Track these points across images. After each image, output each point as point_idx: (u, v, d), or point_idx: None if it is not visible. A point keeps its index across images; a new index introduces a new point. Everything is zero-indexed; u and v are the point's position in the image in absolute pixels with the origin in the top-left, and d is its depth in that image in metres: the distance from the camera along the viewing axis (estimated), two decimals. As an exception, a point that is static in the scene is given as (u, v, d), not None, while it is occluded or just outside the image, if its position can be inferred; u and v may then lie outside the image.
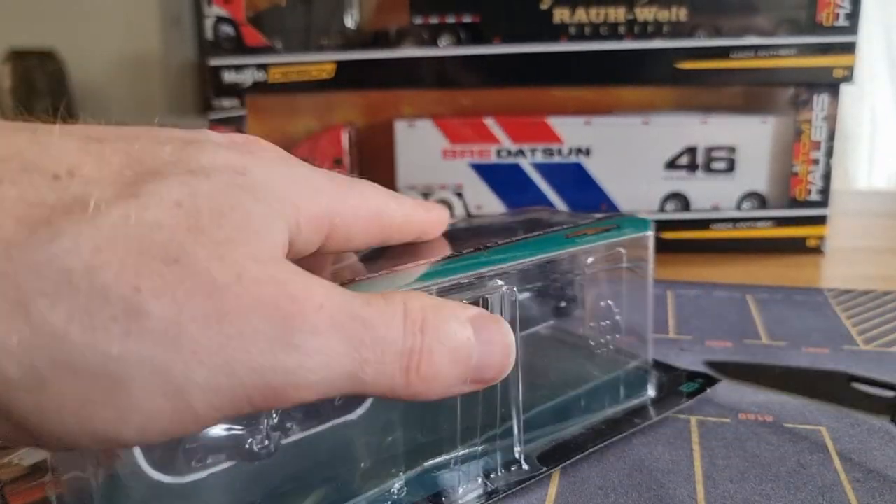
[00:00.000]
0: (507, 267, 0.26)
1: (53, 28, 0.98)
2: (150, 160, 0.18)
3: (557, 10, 0.55)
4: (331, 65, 0.57)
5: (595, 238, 0.29)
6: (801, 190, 0.57)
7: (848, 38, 0.54)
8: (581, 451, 0.28)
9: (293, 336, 0.18)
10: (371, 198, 0.24)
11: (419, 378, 0.20)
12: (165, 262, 0.17)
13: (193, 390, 0.17)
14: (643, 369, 0.33)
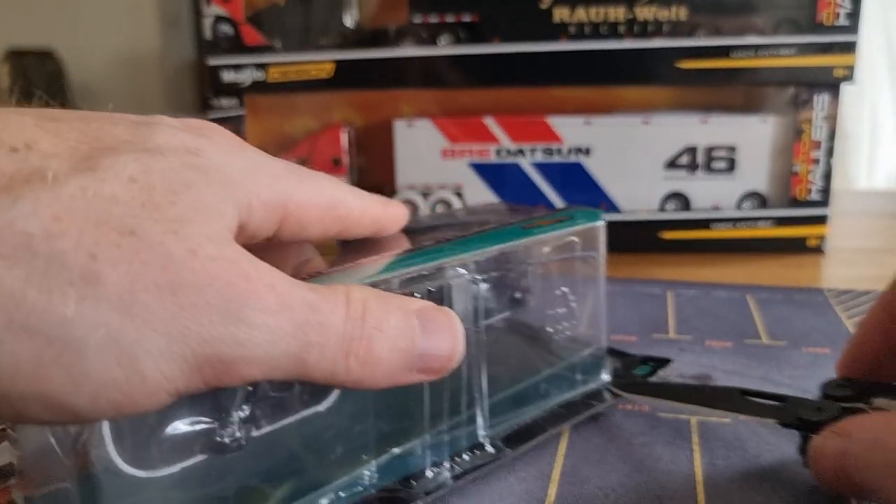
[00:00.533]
0: (466, 258, 0.27)
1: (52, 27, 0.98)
2: (106, 137, 0.19)
3: (557, 10, 0.55)
4: (330, 64, 0.57)
5: (549, 229, 0.30)
6: (801, 190, 0.57)
7: (848, 38, 0.54)
8: (542, 432, 0.29)
9: (244, 311, 0.18)
10: (326, 188, 0.24)
11: (359, 364, 0.21)
12: (122, 233, 0.17)
13: (145, 358, 0.17)
14: (598, 356, 0.34)
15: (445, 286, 0.26)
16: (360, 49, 0.57)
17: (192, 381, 0.18)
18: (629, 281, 0.50)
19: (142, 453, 0.21)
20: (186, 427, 0.22)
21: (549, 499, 0.26)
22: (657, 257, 0.57)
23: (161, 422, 0.21)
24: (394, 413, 0.26)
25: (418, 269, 0.25)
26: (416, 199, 0.59)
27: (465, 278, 0.27)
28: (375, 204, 0.27)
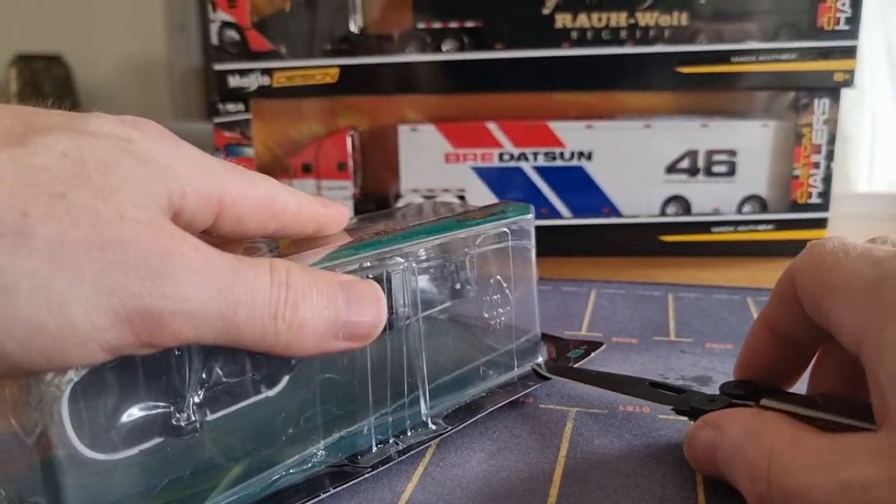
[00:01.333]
0: (404, 247, 0.29)
1: (60, 33, 0.99)
2: (40, 122, 0.20)
3: (559, 15, 0.56)
4: (335, 69, 0.58)
5: (481, 221, 0.33)
6: (801, 193, 0.57)
7: (848, 43, 0.54)
8: (481, 411, 0.31)
9: (171, 267, 0.19)
10: (261, 184, 0.26)
11: (287, 326, 0.22)
12: (52, 195, 0.18)
13: (75, 306, 0.18)
14: (533, 340, 0.36)
15: (385, 275, 0.28)
16: (365, 54, 0.58)
17: (124, 335, 0.19)
18: (630, 284, 0.51)
19: (100, 437, 0.22)
20: (143, 411, 0.23)
21: (552, 499, 0.27)
22: (658, 260, 0.57)
23: (118, 406, 0.22)
24: (340, 397, 0.28)
25: (357, 258, 0.27)
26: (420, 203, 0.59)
27: (403, 268, 0.29)
28: (313, 202, 0.28)
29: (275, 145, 0.63)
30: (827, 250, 0.25)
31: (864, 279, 0.23)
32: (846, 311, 0.23)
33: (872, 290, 0.22)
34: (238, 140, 0.60)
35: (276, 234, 0.27)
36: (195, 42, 0.99)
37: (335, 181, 0.60)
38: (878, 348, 0.22)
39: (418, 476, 0.28)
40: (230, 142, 0.60)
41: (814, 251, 0.26)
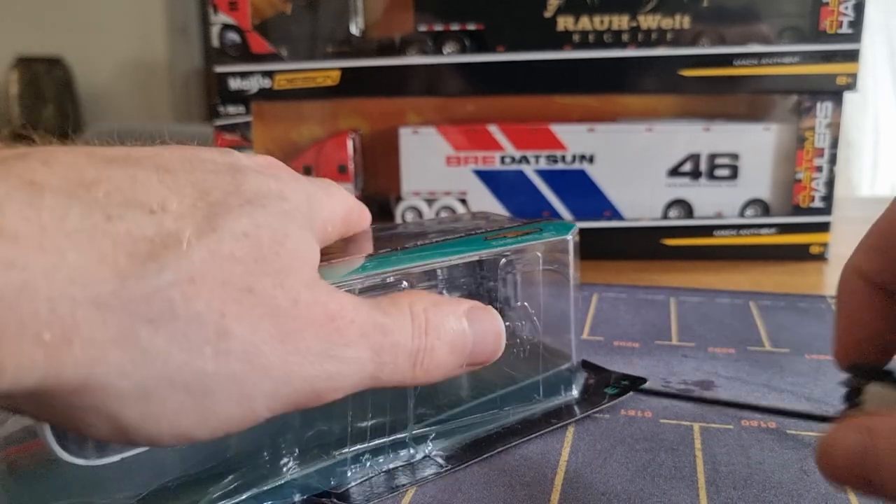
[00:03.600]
0: (421, 266, 0.28)
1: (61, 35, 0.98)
2: (215, 192, 0.21)
3: (561, 18, 0.55)
4: (336, 72, 0.58)
5: (512, 241, 0.31)
6: (804, 197, 0.57)
7: (851, 46, 0.54)
8: (491, 449, 0.30)
9: (334, 349, 0.21)
10: (343, 199, 0.27)
11: (424, 371, 0.24)
12: (242, 291, 0.20)
13: (259, 398, 0.20)
14: (568, 370, 0.34)
15: None
16: (366, 57, 0.58)
17: (289, 408, 0.21)
18: (632, 287, 0.50)
19: (81, 442, 0.22)
20: None
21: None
22: (660, 264, 0.57)
23: None
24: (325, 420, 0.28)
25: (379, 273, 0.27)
26: (421, 206, 0.59)
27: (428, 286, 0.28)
28: (362, 207, 0.29)
29: (275, 148, 0.63)
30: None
31: None
32: None
33: None
34: (239, 142, 0.59)
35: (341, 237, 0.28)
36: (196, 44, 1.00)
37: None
38: None
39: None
40: (231, 144, 0.59)
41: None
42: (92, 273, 0.17)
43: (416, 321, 0.24)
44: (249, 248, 0.20)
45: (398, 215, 0.59)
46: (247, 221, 0.21)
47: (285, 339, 0.20)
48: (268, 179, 0.23)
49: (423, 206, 0.59)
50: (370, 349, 0.22)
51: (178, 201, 0.20)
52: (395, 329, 0.23)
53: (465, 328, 0.25)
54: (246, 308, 0.19)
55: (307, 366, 0.21)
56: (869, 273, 0.24)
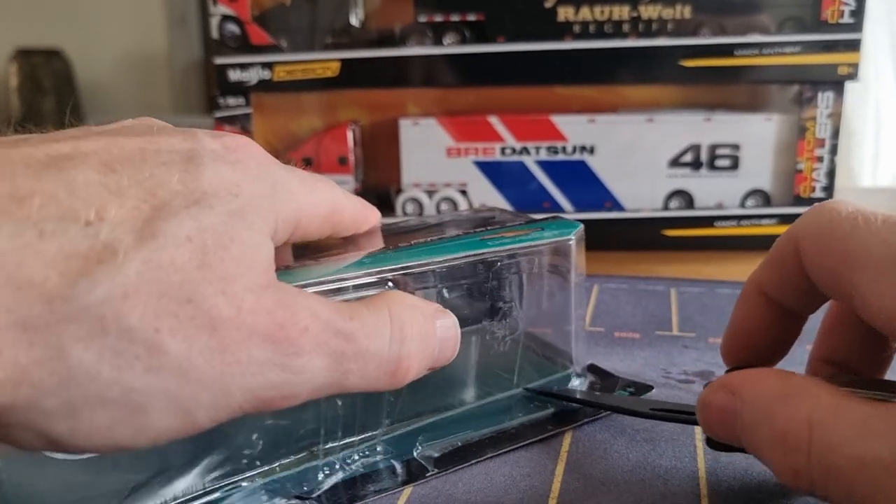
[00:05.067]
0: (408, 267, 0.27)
1: (60, 27, 0.98)
2: (161, 192, 0.20)
3: (562, 9, 0.55)
4: (336, 63, 0.57)
5: (510, 241, 0.29)
6: (805, 187, 0.57)
7: (852, 36, 0.54)
8: (476, 457, 0.28)
9: (280, 358, 0.21)
10: (328, 195, 0.26)
11: (398, 377, 0.24)
12: (179, 302, 0.19)
13: (198, 410, 0.20)
14: (570, 375, 0.33)
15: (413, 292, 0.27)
16: (366, 48, 0.58)
17: (235, 415, 0.21)
18: (633, 278, 0.50)
19: None
20: None
21: (553, 494, 0.27)
22: (661, 255, 0.57)
23: None
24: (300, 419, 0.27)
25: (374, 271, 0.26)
26: (422, 198, 0.59)
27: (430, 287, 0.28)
28: (359, 204, 0.29)
29: (275, 139, 0.62)
30: (841, 217, 0.23)
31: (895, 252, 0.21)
32: (875, 287, 0.21)
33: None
34: (238, 134, 0.59)
35: (327, 236, 0.27)
36: (195, 36, 0.99)
37: (336, 175, 0.60)
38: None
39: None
40: (231, 136, 0.59)
41: (822, 216, 0.23)
42: (18, 297, 0.17)
43: (394, 327, 0.23)
44: (192, 254, 0.19)
45: (398, 207, 0.59)
46: (190, 225, 0.20)
47: (225, 350, 0.20)
48: (225, 169, 0.22)
49: (423, 198, 0.59)
50: (328, 357, 0.21)
51: (119, 206, 0.19)
52: (365, 335, 0.22)
53: (434, 333, 0.25)
54: (183, 320, 0.19)
55: (249, 377, 0.20)
56: (764, 285, 0.26)
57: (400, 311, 0.24)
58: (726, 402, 0.24)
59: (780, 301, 0.26)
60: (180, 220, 0.20)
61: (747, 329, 0.27)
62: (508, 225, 0.31)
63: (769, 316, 0.26)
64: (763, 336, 0.27)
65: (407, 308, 0.24)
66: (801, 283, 0.25)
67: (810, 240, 0.24)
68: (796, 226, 0.25)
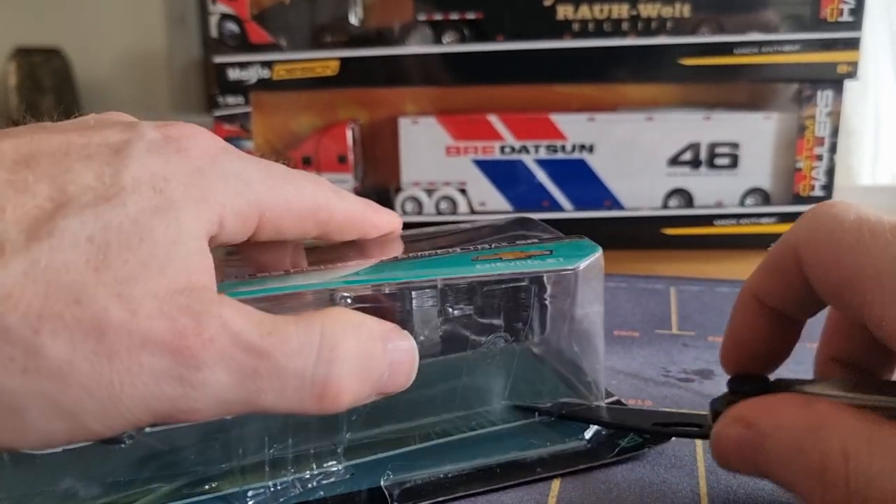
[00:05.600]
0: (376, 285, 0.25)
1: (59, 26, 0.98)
2: (72, 188, 0.19)
3: (561, 7, 0.55)
4: (335, 62, 0.57)
5: (504, 265, 0.26)
6: (804, 186, 0.57)
7: (852, 34, 0.54)
8: (449, 493, 0.26)
9: (177, 370, 0.19)
10: (308, 192, 0.25)
11: (329, 400, 0.21)
12: (67, 303, 0.18)
13: (85, 416, 0.19)
14: None
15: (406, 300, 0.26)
16: (365, 47, 0.57)
17: (135, 425, 0.20)
18: (632, 277, 0.50)
19: None
20: None
21: (553, 492, 0.27)
22: (660, 253, 0.57)
23: None
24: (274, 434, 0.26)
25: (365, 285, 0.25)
26: (421, 196, 0.59)
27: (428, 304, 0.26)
28: (362, 207, 0.27)
29: (275, 138, 0.62)
30: (844, 227, 0.22)
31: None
32: (890, 311, 0.20)
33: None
34: (238, 133, 0.59)
35: (318, 239, 0.27)
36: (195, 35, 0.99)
37: (336, 174, 0.60)
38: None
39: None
40: (230, 135, 0.59)
41: (821, 223, 0.23)
42: None
43: (324, 345, 0.21)
44: (90, 255, 0.19)
45: (398, 206, 0.59)
46: (94, 224, 0.19)
47: (113, 356, 0.18)
48: (156, 161, 0.21)
49: (422, 197, 0.59)
50: (236, 373, 0.20)
51: (19, 205, 0.18)
52: (284, 352, 0.20)
53: (381, 354, 0.22)
54: (68, 323, 0.18)
55: (140, 387, 0.19)
56: (760, 294, 0.26)
57: (335, 329, 0.21)
58: (743, 436, 0.22)
59: (778, 308, 0.26)
60: (83, 219, 0.19)
61: (746, 338, 0.26)
62: (516, 245, 0.28)
63: (767, 323, 0.26)
64: (762, 343, 0.26)
65: (346, 326, 0.22)
66: (800, 291, 0.24)
67: (812, 249, 0.23)
68: (794, 233, 0.24)
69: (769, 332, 0.26)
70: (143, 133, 0.22)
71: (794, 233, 0.24)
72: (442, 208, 0.59)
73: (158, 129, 0.22)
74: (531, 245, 0.28)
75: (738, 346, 0.27)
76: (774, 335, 0.26)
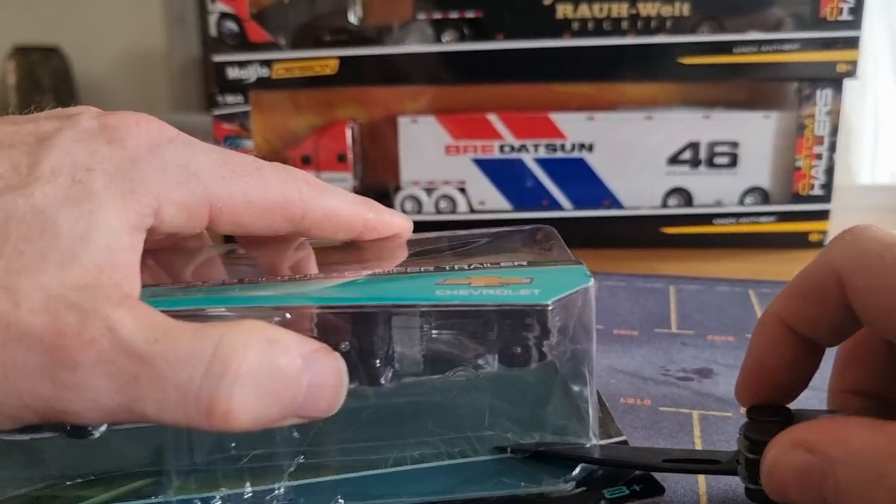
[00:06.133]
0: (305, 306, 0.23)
1: (58, 25, 0.98)
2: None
3: (560, 6, 0.55)
4: (334, 61, 0.57)
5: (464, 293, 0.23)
6: (803, 185, 0.57)
7: (851, 33, 0.54)
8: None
9: (52, 369, 0.18)
10: (273, 186, 0.24)
11: (219, 417, 0.19)
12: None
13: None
14: None
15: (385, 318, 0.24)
16: (365, 46, 0.57)
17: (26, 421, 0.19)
18: (631, 276, 0.50)
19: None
20: None
21: None
22: (659, 252, 0.57)
23: None
24: None
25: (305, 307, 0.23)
26: (420, 196, 0.59)
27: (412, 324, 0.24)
28: (347, 206, 0.26)
29: (274, 137, 0.62)
30: (894, 251, 0.21)
31: None
32: None
33: None
34: (237, 132, 0.59)
35: (291, 232, 0.25)
36: (194, 33, 0.99)
37: (335, 173, 0.60)
38: None
39: None
40: (229, 134, 0.59)
41: (868, 247, 0.21)
42: None
43: (216, 358, 0.19)
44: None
45: (397, 205, 0.59)
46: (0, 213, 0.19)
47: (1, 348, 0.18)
48: (81, 150, 0.21)
49: (422, 196, 0.59)
50: (115, 378, 0.19)
51: None
52: (168, 362, 0.19)
53: (296, 373, 0.20)
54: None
55: (16, 381, 0.18)
56: (790, 320, 0.24)
57: (234, 342, 0.19)
58: (807, 462, 0.20)
59: (808, 334, 0.24)
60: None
61: (771, 366, 0.25)
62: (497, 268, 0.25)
63: (795, 351, 0.25)
64: (787, 372, 0.25)
65: (250, 340, 0.20)
66: (836, 317, 0.23)
67: (860, 274, 0.21)
68: (834, 257, 0.23)
69: (795, 360, 0.25)
70: (77, 123, 0.21)
71: (832, 257, 0.23)
72: (441, 207, 0.59)
73: (98, 118, 0.22)
74: (512, 269, 0.25)
75: (763, 375, 0.25)
76: (800, 362, 0.25)
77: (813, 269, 0.24)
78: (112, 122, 0.22)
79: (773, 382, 0.25)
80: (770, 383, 0.25)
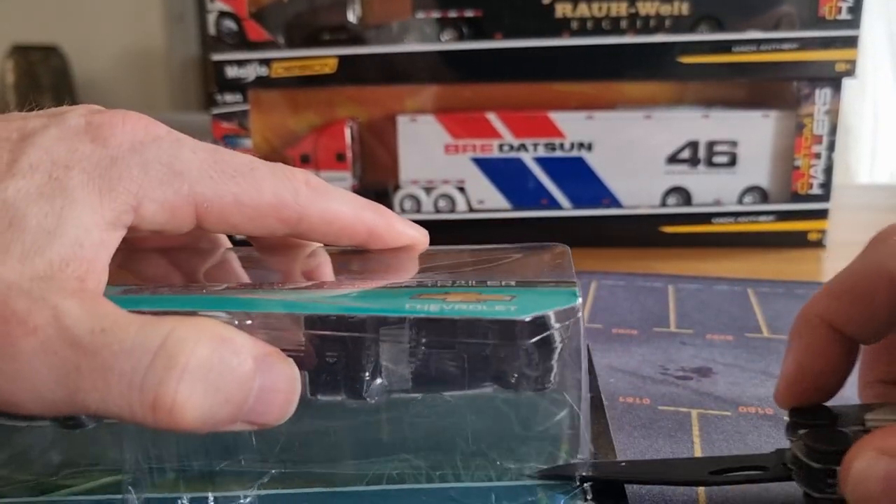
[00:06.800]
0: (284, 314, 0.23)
1: (57, 24, 0.98)
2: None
3: (559, 5, 0.55)
4: (333, 59, 0.57)
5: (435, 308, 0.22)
6: (802, 184, 0.57)
7: (850, 32, 0.54)
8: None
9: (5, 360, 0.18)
10: (267, 188, 0.23)
11: (167, 415, 0.19)
12: None
13: None
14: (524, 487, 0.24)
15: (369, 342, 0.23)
16: (364, 45, 0.57)
17: None
18: (630, 275, 0.50)
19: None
20: None
21: None
22: (658, 251, 0.57)
23: None
24: None
25: None
26: (419, 195, 0.59)
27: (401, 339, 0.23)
28: (351, 212, 0.25)
29: (273, 136, 0.62)
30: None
31: None
32: None
33: None
34: (236, 131, 0.59)
35: (288, 234, 0.25)
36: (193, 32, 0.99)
37: (334, 172, 0.60)
38: None
39: None
40: (228, 132, 0.59)
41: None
42: None
43: (163, 351, 0.19)
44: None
45: (396, 204, 0.59)
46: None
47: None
48: (61, 148, 0.21)
49: (421, 195, 0.59)
50: (58, 368, 0.18)
51: None
52: (113, 353, 0.19)
53: (246, 375, 0.20)
54: None
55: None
56: (835, 320, 0.24)
57: (185, 336, 0.19)
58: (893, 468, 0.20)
59: (856, 335, 0.24)
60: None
61: (816, 368, 0.24)
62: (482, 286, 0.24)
63: (839, 351, 0.24)
64: (833, 373, 0.24)
65: (203, 336, 0.19)
66: (886, 317, 0.23)
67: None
68: (881, 257, 0.22)
69: (839, 360, 0.24)
70: (64, 121, 0.21)
71: (883, 258, 0.23)
72: (440, 206, 0.59)
73: (87, 116, 0.22)
74: (496, 287, 0.24)
75: (807, 377, 0.25)
76: (843, 363, 0.25)
77: (860, 271, 0.23)
78: (98, 121, 0.22)
79: (818, 385, 0.25)
80: (815, 386, 0.25)
